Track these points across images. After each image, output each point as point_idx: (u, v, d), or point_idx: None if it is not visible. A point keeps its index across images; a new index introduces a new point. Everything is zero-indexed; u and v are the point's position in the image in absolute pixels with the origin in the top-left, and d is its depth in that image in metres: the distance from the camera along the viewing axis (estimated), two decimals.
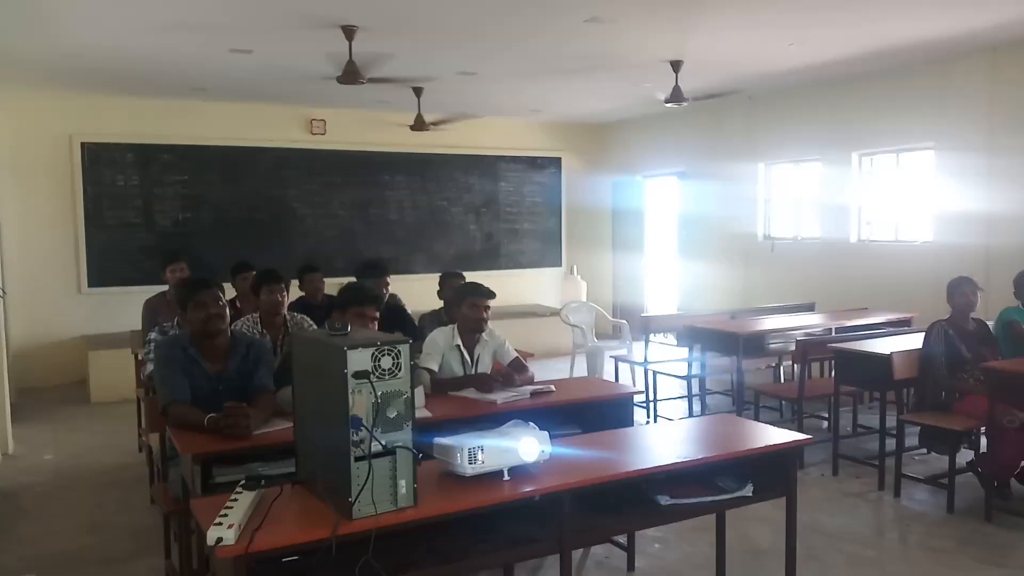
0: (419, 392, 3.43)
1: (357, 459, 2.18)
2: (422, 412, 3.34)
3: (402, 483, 2.27)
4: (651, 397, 6.79)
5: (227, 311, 3.51)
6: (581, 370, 8.07)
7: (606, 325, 9.45)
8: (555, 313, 9.44)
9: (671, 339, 7.82)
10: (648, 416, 6.79)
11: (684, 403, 6.96)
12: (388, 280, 5.27)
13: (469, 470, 2.47)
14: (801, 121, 8.65)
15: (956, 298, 4.90)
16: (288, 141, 9.66)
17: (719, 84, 8.22)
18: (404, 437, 2.26)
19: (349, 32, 5.92)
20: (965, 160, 7.00)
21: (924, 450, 5.16)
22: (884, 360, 4.85)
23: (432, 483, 2.50)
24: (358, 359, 2.18)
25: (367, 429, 2.18)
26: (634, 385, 7.53)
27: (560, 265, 11.48)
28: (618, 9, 5.50)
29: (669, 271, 10.95)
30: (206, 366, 3.41)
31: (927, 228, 7.48)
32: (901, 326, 6.47)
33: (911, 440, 5.15)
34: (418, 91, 8.28)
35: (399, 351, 2.26)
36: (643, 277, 11.32)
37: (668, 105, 7.53)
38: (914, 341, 5.06)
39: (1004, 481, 4.69)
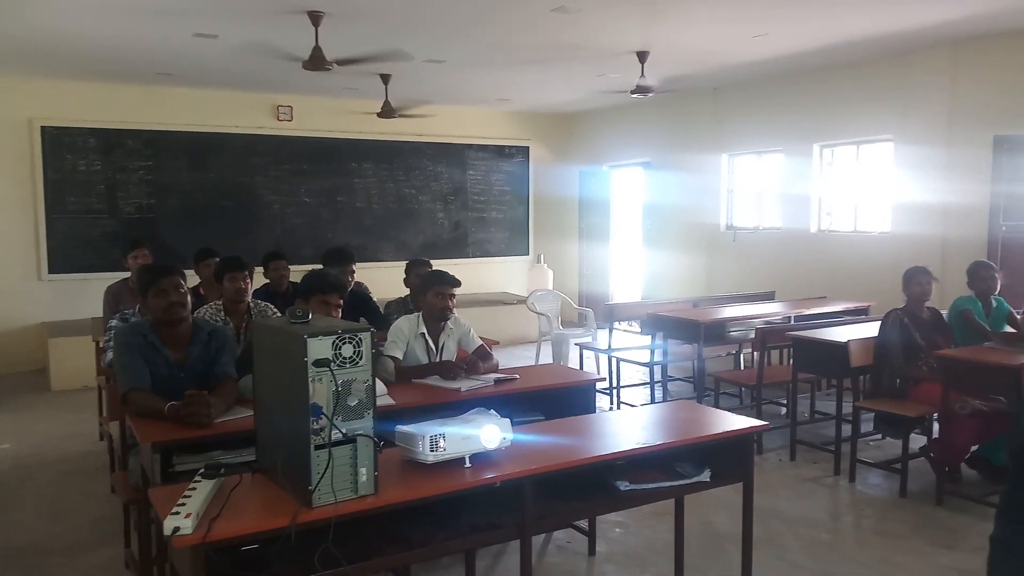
0: (379, 381, 3.44)
1: (317, 447, 2.20)
2: (385, 400, 3.35)
3: (363, 471, 2.28)
4: (614, 384, 6.87)
5: (188, 298, 3.49)
6: (547, 357, 8.14)
7: (572, 313, 9.52)
8: (522, 301, 9.50)
9: (636, 327, 7.92)
10: (611, 402, 6.87)
11: (647, 389, 7.04)
12: (354, 268, 5.26)
13: (431, 457, 2.49)
14: (764, 113, 8.76)
15: (911, 287, 5.01)
16: (255, 128, 9.56)
17: (684, 75, 8.28)
18: (365, 425, 2.28)
19: (315, 18, 5.88)
20: (924, 153, 7.15)
21: (879, 436, 5.29)
22: (841, 348, 4.97)
23: (394, 470, 2.52)
24: (318, 347, 2.19)
25: (327, 417, 2.19)
26: (598, 372, 7.61)
27: (527, 254, 11.52)
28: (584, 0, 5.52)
29: (634, 260, 11.04)
30: (167, 354, 3.39)
31: (885, 219, 7.63)
32: (859, 314, 6.62)
33: (867, 426, 5.28)
34: (386, 78, 8.24)
35: (360, 339, 2.27)
36: (609, 266, 11.40)
37: (634, 96, 7.58)
38: (871, 329, 5.18)
39: (955, 466, 4.83)
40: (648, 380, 7.02)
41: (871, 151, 7.94)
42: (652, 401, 6.83)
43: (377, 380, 3.40)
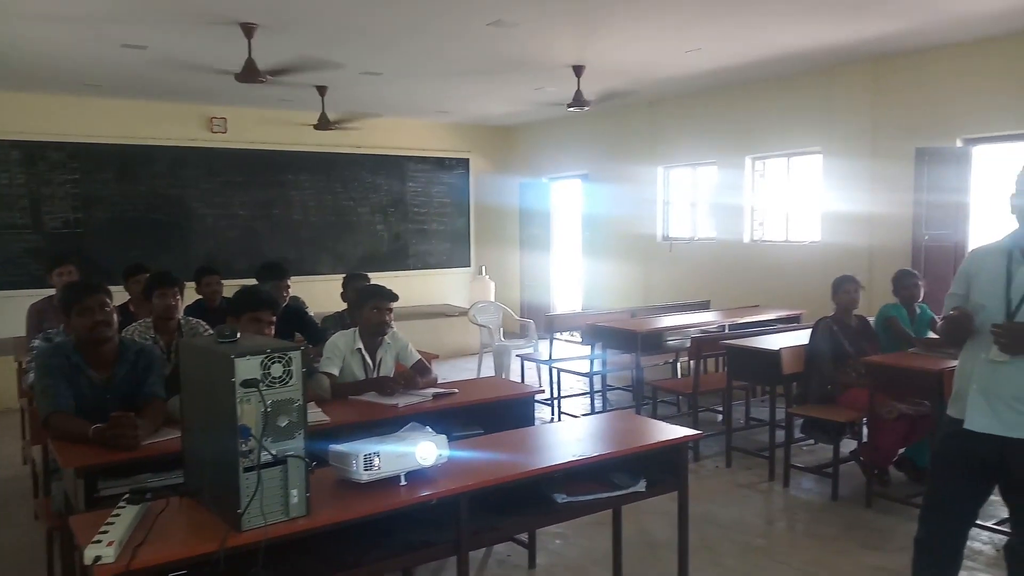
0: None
1: (246, 469, 2.15)
2: (320, 417, 3.31)
3: (294, 492, 2.24)
4: (555, 394, 6.90)
5: (115, 317, 3.39)
6: (489, 369, 8.13)
7: (514, 324, 9.54)
8: (464, 313, 9.47)
9: (577, 337, 7.97)
10: (552, 413, 6.90)
11: (588, 399, 7.09)
12: (289, 283, 5.18)
13: (365, 477, 2.46)
14: (698, 126, 8.94)
15: (839, 296, 5.17)
16: (187, 139, 9.36)
17: (620, 89, 8.40)
18: (296, 446, 2.24)
19: (248, 29, 5.80)
20: (850, 165, 7.38)
21: (812, 441, 5.42)
22: (773, 355, 5.08)
23: (327, 491, 2.48)
24: (246, 367, 2.15)
25: (256, 439, 2.15)
26: (540, 383, 7.65)
27: (469, 265, 11.52)
28: (520, 14, 5.57)
29: (575, 270, 11.13)
30: (92, 374, 3.28)
31: (815, 229, 7.85)
32: (791, 322, 6.79)
33: (800, 432, 5.41)
34: (322, 90, 8.17)
35: (290, 358, 2.23)
36: (550, 276, 11.47)
37: (571, 109, 7.66)
38: (802, 337, 5.32)
39: (883, 468, 4.98)
40: (588, 390, 7.07)
41: (801, 163, 8.16)
42: (592, 411, 6.87)
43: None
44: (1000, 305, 2.64)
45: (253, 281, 5.24)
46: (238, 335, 2.36)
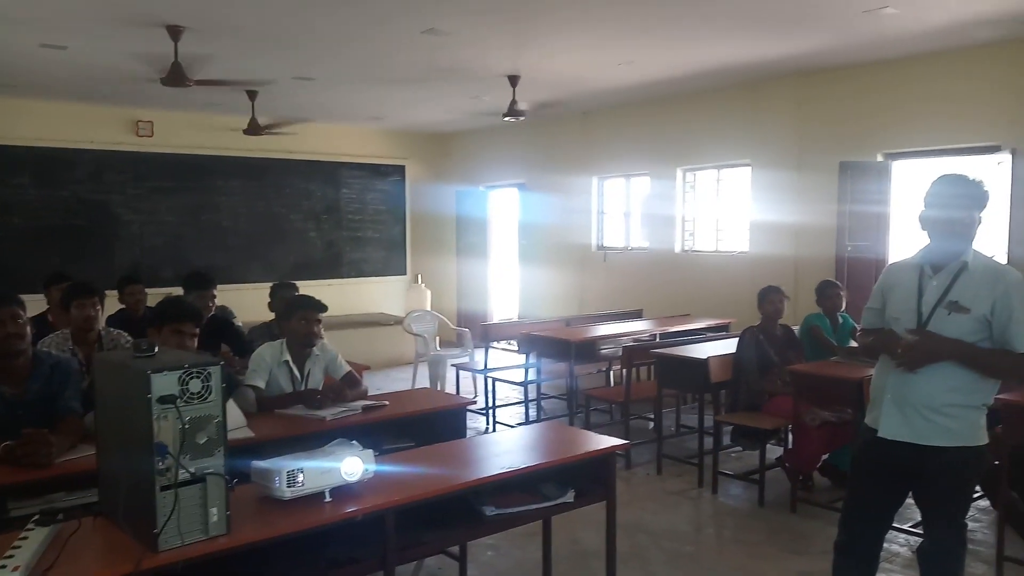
0: (237, 413, 3.32)
1: (163, 488, 2.09)
2: (244, 433, 3.23)
3: (213, 511, 2.19)
4: (490, 404, 6.90)
5: (28, 329, 3.25)
6: (424, 379, 8.07)
7: (450, 333, 9.50)
8: (399, 322, 9.40)
9: (514, 345, 7.98)
10: (487, 423, 6.89)
11: (522, 409, 7.10)
12: (215, 292, 5.05)
13: (288, 493, 2.42)
14: (631, 137, 9.07)
15: (765, 306, 5.30)
16: (111, 143, 9.07)
17: (555, 100, 8.47)
18: (215, 463, 2.19)
19: (175, 32, 5.66)
20: (777, 177, 7.59)
21: (740, 448, 5.53)
22: (701, 364, 5.18)
23: (250, 508, 2.43)
24: (163, 383, 2.09)
25: (173, 457, 2.09)
26: (475, 392, 7.63)
27: (405, 273, 11.43)
28: (455, 23, 5.56)
29: (512, 279, 11.16)
30: (3, 389, 3.14)
31: (744, 239, 8.04)
32: (720, 331, 6.93)
33: (729, 439, 5.52)
34: (252, 94, 8.02)
35: (209, 373, 2.18)
36: (487, 285, 11.47)
37: (506, 119, 7.69)
38: (730, 346, 5.42)
39: (808, 474, 5.12)
40: (523, 399, 7.08)
41: (730, 175, 8.35)
42: (527, 420, 6.89)
43: (237, 411, 3.32)
44: (912, 318, 2.74)
45: (179, 290, 5.12)
46: (156, 349, 2.29)
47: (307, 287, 5.52)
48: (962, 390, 2.68)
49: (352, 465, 2.51)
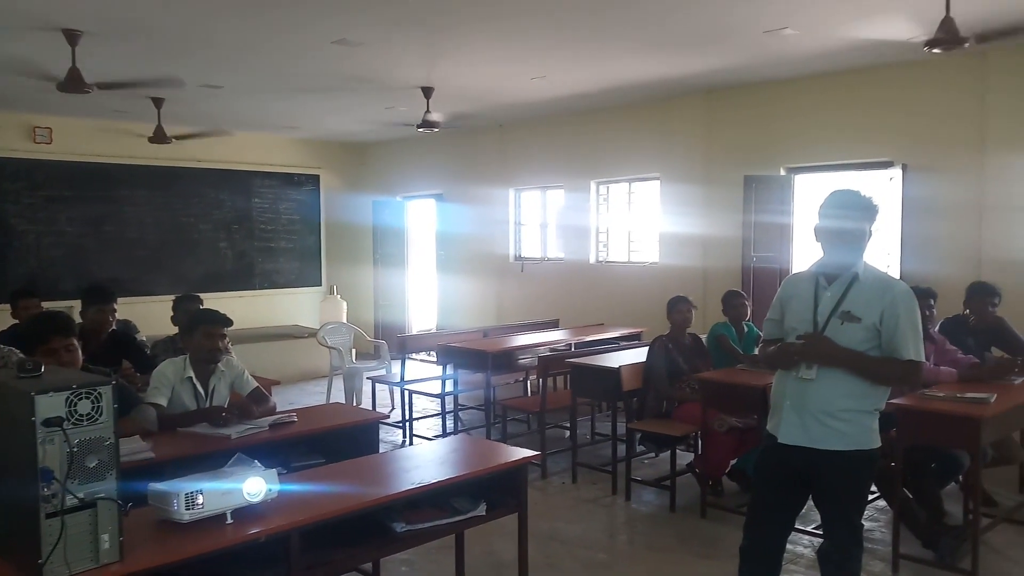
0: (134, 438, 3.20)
1: (48, 516, 1.99)
2: (144, 453, 3.11)
3: (105, 537, 2.10)
4: (406, 417, 6.83)
5: None
6: (339, 393, 7.94)
7: (367, 345, 9.38)
8: (313, 334, 9.21)
9: (433, 356, 7.92)
10: (404, 436, 6.83)
11: (440, 421, 7.06)
12: (115, 306, 4.85)
13: (186, 516, 2.34)
14: (546, 150, 9.17)
15: (673, 315, 5.42)
16: (6, 150, 8.64)
17: (470, 112, 8.49)
18: (107, 487, 2.10)
19: (72, 36, 5.43)
20: (686, 190, 7.79)
21: (652, 454, 5.64)
22: (614, 373, 5.26)
23: (146, 533, 2.34)
24: (49, 405, 2.00)
25: (59, 482, 1.99)
26: (392, 405, 7.55)
27: (320, 285, 11.23)
28: (365, 34, 5.52)
29: (430, 289, 11.10)
30: None
31: (655, 250, 8.21)
32: (632, 340, 7.06)
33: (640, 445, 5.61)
34: (158, 102, 7.75)
35: (100, 393, 2.09)
36: (406, 295, 11.37)
37: (420, 130, 7.67)
38: (641, 355, 5.52)
39: (717, 479, 5.25)
40: (440, 411, 7.04)
41: (642, 188, 8.53)
42: (444, 433, 6.85)
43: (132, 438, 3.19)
44: (809, 328, 2.86)
45: (79, 304, 4.90)
46: (42, 368, 2.19)
47: (217, 299, 5.40)
48: (855, 395, 2.80)
49: (254, 485, 2.45)
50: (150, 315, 7.29)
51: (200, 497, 2.36)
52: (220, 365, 3.85)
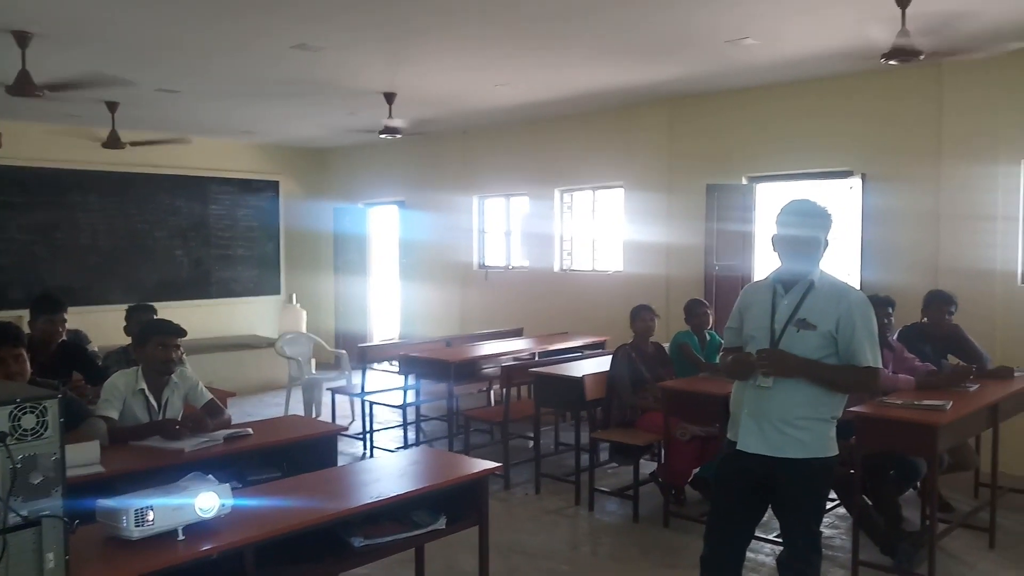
0: (92, 445, 3.10)
1: None
2: (93, 467, 3.01)
3: (49, 556, 2.01)
4: (367, 429, 6.74)
5: None
6: (297, 404, 7.81)
7: (327, 355, 9.24)
8: (271, 344, 9.06)
9: (395, 366, 7.84)
10: (364, 449, 6.73)
11: (402, 432, 6.98)
12: (66, 316, 4.70)
13: (136, 533, 2.26)
14: (510, 157, 9.15)
15: (636, 323, 5.43)
16: None
17: (433, 118, 8.44)
18: (52, 504, 2.01)
19: (22, 38, 5.28)
20: (649, 199, 7.83)
21: (615, 463, 5.62)
22: (577, 382, 5.24)
23: (94, 551, 2.27)
24: None
25: (1, 500, 1.91)
26: (352, 416, 7.45)
27: (278, 293, 11.04)
28: (326, 39, 5.45)
29: (392, 298, 11.00)
30: None
31: (618, 259, 8.23)
32: (596, 348, 7.05)
33: (607, 455, 5.59)
34: (112, 106, 7.58)
35: (45, 407, 2.01)
36: (368, 304, 11.25)
37: (383, 136, 7.60)
38: (605, 363, 5.51)
39: (679, 488, 5.25)
40: (402, 422, 6.95)
41: (606, 196, 8.55)
42: (406, 444, 6.77)
43: (88, 444, 3.09)
44: (766, 336, 2.87)
45: (27, 313, 4.74)
46: None
47: (173, 308, 5.26)
48: (812, 404, 2.82)
49: (207, 500, 2.37)
50: (103, 325, 7.09)
51: (150, 513, 2.28)
52: (174, 377, 3.75)
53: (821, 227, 2.87)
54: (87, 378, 4.43)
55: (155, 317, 4.58)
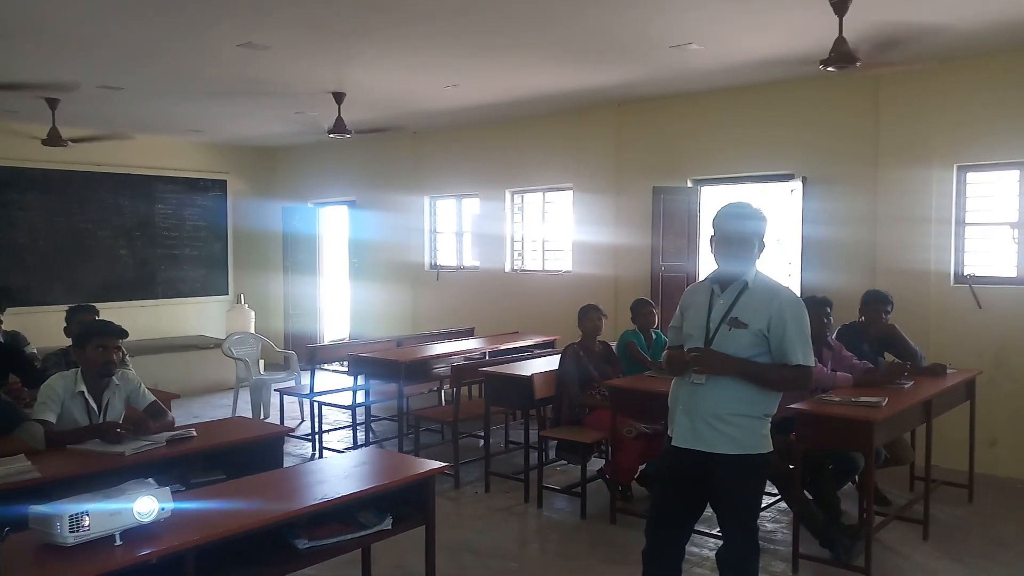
0: (18, 458, 3.03)
1: None
2: (29, 473, 2.94)
3: None
4: (316, 430, 6.69)
5: None
6: (245, 405, 7.72)
7: (276, 356, 9.14)
8: (219, 345, 8.93)
9: (346, 366, 7.78)
10: (313, 450, 6.68)
11: (351, 433, 6.94)
12: (1, 317, 4.60)
13: (71, 539, 2.22)
14: (461, 158, 9.16)
15: (585, 323, 5.49)
16: None
17: (383, 118, 8.40)
18: None
19: None
20: (597, 200, 7.91)
21: (565, 462, 5.67)
22: (526, 381, 5.28)
23: (27, 558, 2.23)
24: None
25: None
26: (302, 417, 7.38)
27: (226, 293, 10.88)
28: (272, 38, 5.39)
29: (343, 298, 10.92)
30: None
31: (568, 259, 8.30)
32: (546, 347, 7.11)
33: (556, 453, 5.64)
34: (53, 102, 7.38)
35: None
36: (318, 304, 11.14)
37: (332, 136, 7.55)
38: (554, 362, 5.57)
39: (626, 484, 5.32)
40: (352, 423, 6.91)
41: (556, 197, 8.61)
42: (355, 445, 6.74)
43: (14, 457, 3.02)
44: (701, 334, 2.94)
45: None
46: None
47: (117, 309, 5.15)
48: (744, 401, 2.89)
49: (146, 504, 2.35)
50: (43, 326, 6.92)
51: (86, 519, 2.25)
52: (115, 379, 3.69)
53: (756, 229, 2.95)
54: (24, 381, 4.34)
55: (96, 318, 4.50)
